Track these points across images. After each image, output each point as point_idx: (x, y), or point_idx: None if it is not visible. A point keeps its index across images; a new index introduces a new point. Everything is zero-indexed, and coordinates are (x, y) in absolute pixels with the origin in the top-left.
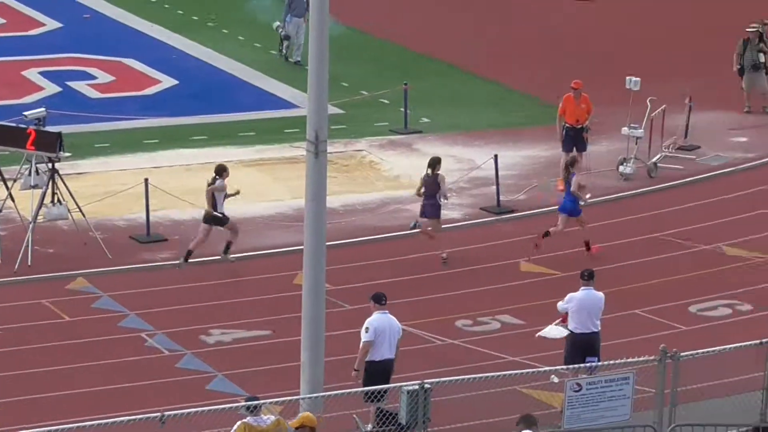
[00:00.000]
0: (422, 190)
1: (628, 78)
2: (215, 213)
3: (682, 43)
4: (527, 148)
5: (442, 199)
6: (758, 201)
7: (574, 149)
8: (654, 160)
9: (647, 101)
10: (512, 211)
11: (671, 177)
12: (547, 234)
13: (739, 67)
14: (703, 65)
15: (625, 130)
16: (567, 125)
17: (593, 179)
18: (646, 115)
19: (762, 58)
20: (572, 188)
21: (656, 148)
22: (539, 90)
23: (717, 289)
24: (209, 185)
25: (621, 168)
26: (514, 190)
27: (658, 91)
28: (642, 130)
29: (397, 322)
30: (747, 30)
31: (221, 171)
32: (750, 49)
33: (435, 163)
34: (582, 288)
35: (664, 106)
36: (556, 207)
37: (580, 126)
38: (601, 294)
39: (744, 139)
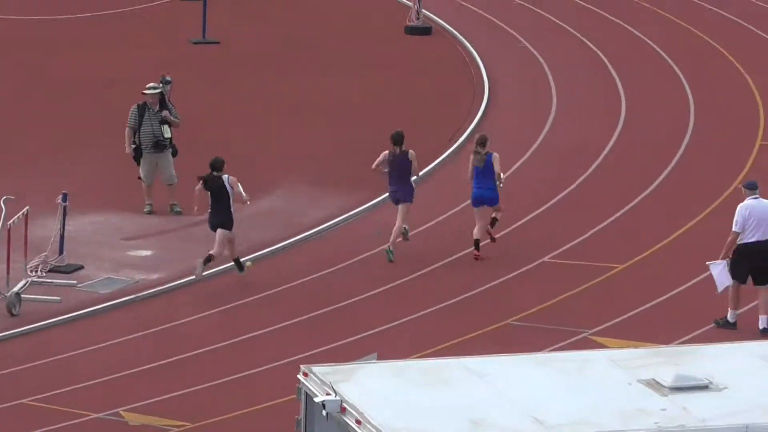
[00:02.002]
0: (385, 169)
1: None
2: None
3: (35, 114)
4: None
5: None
6: (170, 345)
7: None
8: (16, 289)
9: (1, 202)
10: None
11: (43, 313)
12: (477, 244)
13: (134, 146)
14: (44, 144)
15: None
16: None
17: None
18: (0, 221)
19: (168, 132)
20: (496, 169)
21: (18, 271)
22: None
23: None
24: (216, 185)
25: None
26: None
27: (19, 187)
28: None
29: None
30: (144, 93)
31: (223, 164)
32: (149, 120)
33: (401, 138)
34: None
35: (27, 208)
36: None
37: None
38: None
39: (146, 253)
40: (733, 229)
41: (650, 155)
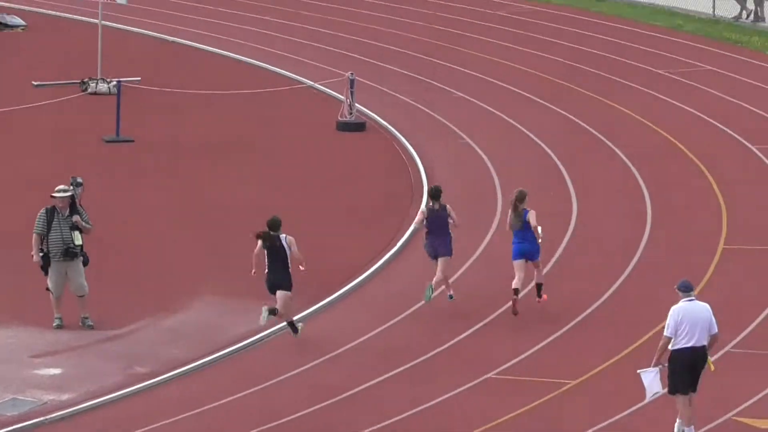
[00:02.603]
0: (424, 223)
1: None
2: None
3: None
4: None
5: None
6: None
7: None
8: None
9: None
10: None
11: None
12: (516, 292)
13: (42, 254)
14: None
15: None
16: None
17: None
18: None
19: (79, 238)
20: (532, 223)
21: None
22: None
23: None
24: (274, 244)
25: None
26: None
27: None
28: None
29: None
30: (53, 196)
31: (280, 224)
32: (59, 225)
33: (439, 193)
34: None
35: None
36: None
37: None
38: None
39: (55, 371)
40: (665, 334)
41: (604, 261)
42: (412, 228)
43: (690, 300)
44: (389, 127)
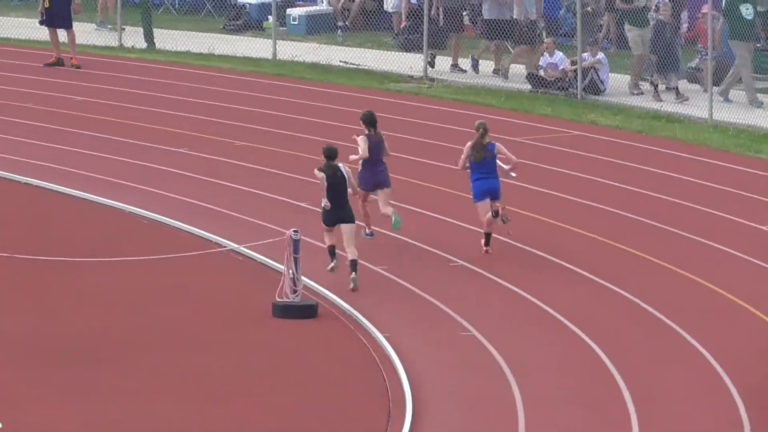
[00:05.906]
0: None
1: None
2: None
3: None
4: None
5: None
6: None
7: None
8: None
9: None
10: None
11: None
12: (487, 241)
13: None
14: None
15: None
16: None
17: None
18: None
19: None
20: (502, 155)
21: None
22: None
23: None
24: (335, 175)
25: None
26: None
27: None
28: None
29: None
30: None
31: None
32: None
33: (375, 119)
34: None
35: None
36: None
37: None
38: None
39: None
40: None
41: None
42: (359, 157)
43: None
44: (352, 310)
